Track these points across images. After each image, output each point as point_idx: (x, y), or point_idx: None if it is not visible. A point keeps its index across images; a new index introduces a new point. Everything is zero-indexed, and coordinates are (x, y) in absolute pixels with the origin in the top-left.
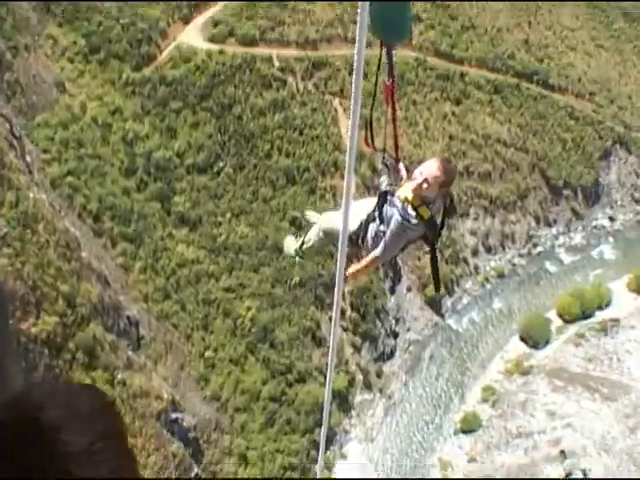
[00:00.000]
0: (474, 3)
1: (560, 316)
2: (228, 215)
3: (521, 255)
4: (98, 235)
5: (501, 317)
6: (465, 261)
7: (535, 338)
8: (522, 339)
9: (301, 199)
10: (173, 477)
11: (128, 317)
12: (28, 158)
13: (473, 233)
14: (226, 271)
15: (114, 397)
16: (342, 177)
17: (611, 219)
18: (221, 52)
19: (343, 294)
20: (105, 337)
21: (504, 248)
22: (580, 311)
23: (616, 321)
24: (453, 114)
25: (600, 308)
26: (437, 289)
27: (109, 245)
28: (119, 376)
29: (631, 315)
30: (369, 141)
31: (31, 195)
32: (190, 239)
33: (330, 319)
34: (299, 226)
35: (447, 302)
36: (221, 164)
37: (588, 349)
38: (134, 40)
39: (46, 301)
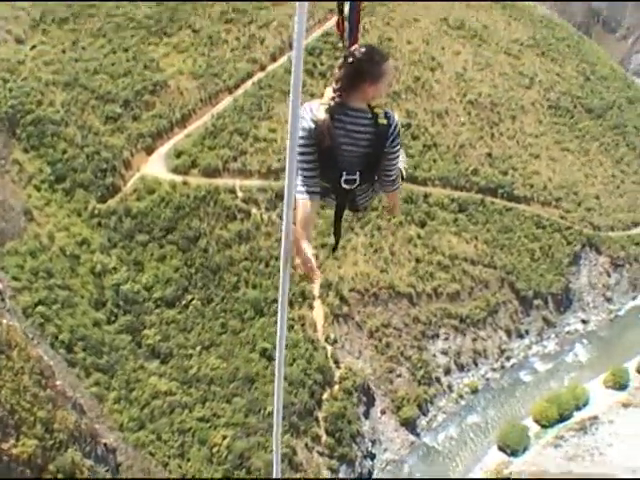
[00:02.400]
0: (436, 120)
1: (537, 422)
2: (198, 348)
3: (494, 369)
4: (71, 365)
5: (477, 430)
6: (438, 381)
7: (513, 446)
8: (500, 449)
9: (270, 330)
10: None
11: (105, 444)
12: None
13: (444, 353)
14: (199, 402)
15: None
16: (310, 307)
17: (584, 322)
18: (185, 183)
19: (317, 421)
20: (84, 462)
21: (477, 364)
22: (557, 414)
23: (595, 418)
24: (418, 237)
25: (578, 409)
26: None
27: (83, 375)
28: None
29: (610, 410)
30: (340, 24)
31: (4, 322)
32: (162, 371)
33: (306, 445)
34: (269, 357)
35: (422, 421)
36: (189, 297)
37: (568, 449)
38: (98, 170)
39: (25, 425)
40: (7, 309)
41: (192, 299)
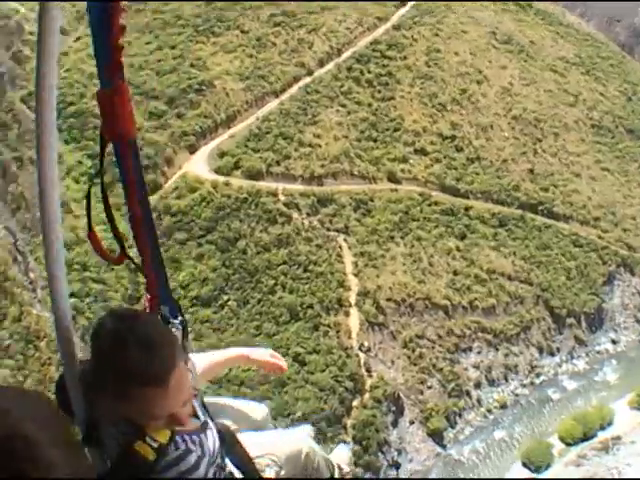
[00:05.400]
0: (481, 133)
1: (562, 440)
2: None
3: (524, 385)
4: None
5: (503, 445)
6: (468, 394)
7: (536, 463)
8: (524, 465)
9: (304, 335)
10: None
11: None
12: (32, 275)
13: (476, 366)
14: None
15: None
16: (346, 314)
17: (614, 342)
18: (227, 184)
19: (345, 428)
20: None
21: (507, 379)
22: (582, 433)
23: (617, 439)
24: (457, 249)
25: (602, 428)
26: None
27: None
28: None
29: (632, 430)
30: (98, 241)
31: (34, 312)
32: None
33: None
34: (301, 362)
35: (449, 433)
36: (225, 298)
37: (589, 467)
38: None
39: None
40: (38, 299)
41: (228, 300)
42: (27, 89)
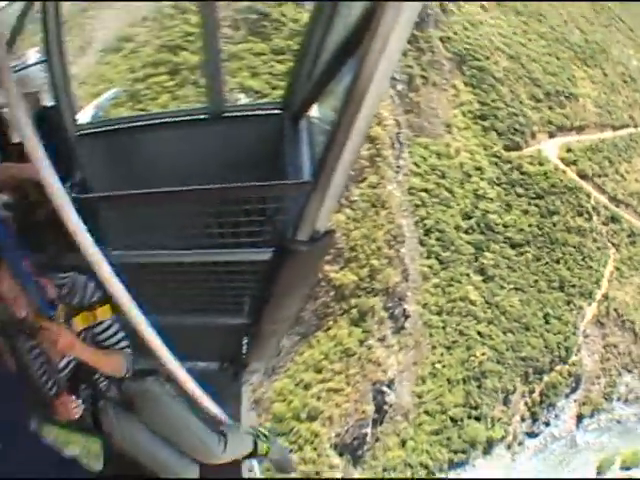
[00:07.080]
0: None
1: None
2: (511, 285)
3: None
4: (421, 244)
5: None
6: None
7: None
8: None
9: (559, 304)
10: (347, 427)
11: (404, 309)
12: (401, 162)
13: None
14: (487, 321)
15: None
16: (589, 305)
17: None
18: (563, 172)
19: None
20: (380, 312)
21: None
22: None
23: None
24: None
25: None
26: None
27: (425, 255)
28: (369, 342)
29: None
30: None
31: (389, 187)
32: (478, 285)
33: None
34: (547, 323)
35: (588, 421)
36: (526, 249)
37: None
38: (512, 128)
39: (355, 262)
40: (397, 181)
41: (527, 252)
42: (446, 32)
